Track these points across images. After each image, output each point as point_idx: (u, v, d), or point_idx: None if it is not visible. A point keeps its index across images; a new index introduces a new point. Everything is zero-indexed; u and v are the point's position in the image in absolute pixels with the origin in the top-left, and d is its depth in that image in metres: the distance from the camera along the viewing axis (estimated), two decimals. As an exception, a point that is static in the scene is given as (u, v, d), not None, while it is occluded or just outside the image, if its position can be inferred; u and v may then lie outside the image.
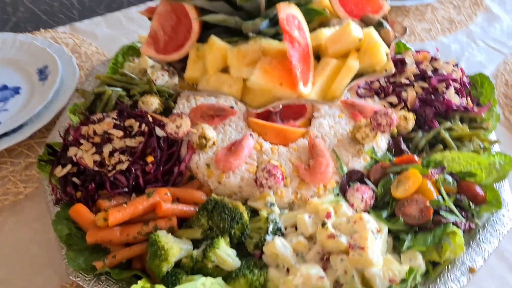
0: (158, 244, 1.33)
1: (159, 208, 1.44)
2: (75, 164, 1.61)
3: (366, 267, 1.29)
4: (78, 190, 1.58)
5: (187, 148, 1.64)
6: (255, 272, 1.32)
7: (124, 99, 1.86)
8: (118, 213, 1.39)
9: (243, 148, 1.60)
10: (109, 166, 1.57)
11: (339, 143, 1.66)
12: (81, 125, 1.67)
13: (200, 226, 1.42)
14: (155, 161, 1.59)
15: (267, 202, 1.48)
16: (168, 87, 1.94)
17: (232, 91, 1.31)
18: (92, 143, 1.61)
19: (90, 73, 2.06)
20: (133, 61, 2.03)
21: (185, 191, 1.54)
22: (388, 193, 1.51)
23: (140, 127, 1.64)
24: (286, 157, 1.62)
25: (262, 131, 1.70)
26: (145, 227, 1.42)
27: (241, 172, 1.58)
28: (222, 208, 1.40)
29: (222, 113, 1.72)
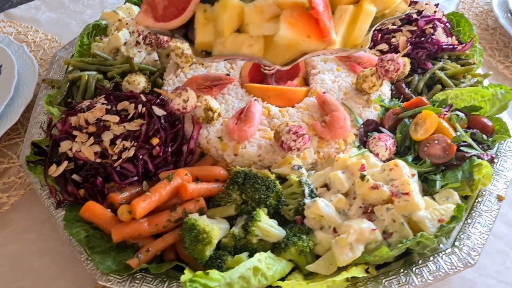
0: (198, 228, 1.22)
1: (185, 190, 1.32)
2: (71, 160, 1.43)
3: (413, 212, 1.28)
4: (80, 188, 1.41)
5: (192, 124, 1.51)
6: (303, 238, 1.26)
7: (103, 83, 1.68)
8: (144, 203, 1.26)
9: (254, 114, 1.51)
10: (113, 155, 1.41)
11: (345, 96, 1.62)
12: (67, 115, 1.48)
13: (232, 201, 1.33)
14: (161, 143, 1.46)
15: (293, 165, 1.41)
16: (148, 64, 1.78)
17: (253, 51, 1.21)
18: (87, 133, 1.43)
19: (52, 61, 1.83)
20: (101, 41, 1.83)
21: (203, 169, 1.42)
22: (407, 138, 1.50)
23: (136, 109, 1.49)
24: (298, 117, 1.55)
25: (265, 95, 1.61)
26: (173, 213, 1.30)
27: (256, 140, 1.49)
28: (254, 179, 1.31)
29: (219, 82, 1.61)
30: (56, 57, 1.83)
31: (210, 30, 1.24)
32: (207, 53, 1.29)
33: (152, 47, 1.69)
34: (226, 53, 1.23)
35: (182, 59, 1.66)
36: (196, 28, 1.25)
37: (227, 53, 1.23)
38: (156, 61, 1.79)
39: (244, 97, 1.62)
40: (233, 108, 1.58)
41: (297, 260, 1.27)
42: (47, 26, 2.25)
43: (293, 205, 1.34)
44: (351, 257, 1.22)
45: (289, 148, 1.38)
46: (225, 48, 1.23)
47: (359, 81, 1.60)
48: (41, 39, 2.14)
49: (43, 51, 2.09)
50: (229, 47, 1.22)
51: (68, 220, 1.32)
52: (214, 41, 1.24)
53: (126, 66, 1.71)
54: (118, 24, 1.85)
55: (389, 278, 1.25)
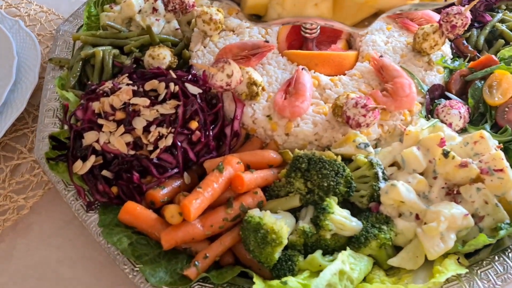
0: (265, 227, 1.03)
1: (241, 182, 1.12)
2: (98, 153, 1.22)
3: (507, 191, 1.11)
4: (113, 185, 1.21)
5: (233, 102, 1.30)
6: (384, 229, 1.09)
7: (120, 59, 1.44)
8: (197, 202, 1.06)
9: (304, 85, 1.30)
10: (148, 145, 1.20)
11: (403, 58, 1.41)
12: (88, 101, 1.26)
13: (295, 191, 1.14)
14: (200, 126, 1.25)
15: (358, 143, 1.22)
16: (168, 34, 1.54)
17: (320, 11, 0.99)
18: (114, 121, 1.22)
19: (56, 37, 1.58)
20: (111, 10, 1.58)
21: (254, 154, 1.23)
22: (480, 103, 1.32)
23: (168, 88, 1.27)
24: (353, 86, 1.34)
25: (311, 62, 1.40)
26: (230, 210, 1.11)
27: (310, 115, 1.29)
28: (320, 163, 1.12)
29: (258, 50, 1.38)
30: (60, 32, 1.58)
31: (263, -12, 1.02)
32: (257, 17, 1.07)
33: (176, 14, 1.45)
34: (286, 16, 1.01)
35: (211, 26, 1.43)
36: (246, -13, 1.02)
37: (288, 15, 1.01)
38: (177, 30, 1.55)
39: (288, 66, 1.40)
40: (276, 80, 1.37)
41: (377, 255, 1.10)
42: (40, -5, 1.97)
43: (364, 190, 1.16)
44: (443, 249, 1.06)
45: (358, 125, 1.18)
46: (284, 10, 1.01)
47: (418, 41, 1.39)
48: (36, 12, 1.87)
49: (40, 25, 1.83)
50: (289, 8, 1.00)
51: (105, 226, 1.13)
52: (269, 1, 1.02)
53: (145, 38, 1.47)
54: (130, -11, 1.59)
55: (484, 268, 1.09)
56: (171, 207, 1.07)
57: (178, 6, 1.43)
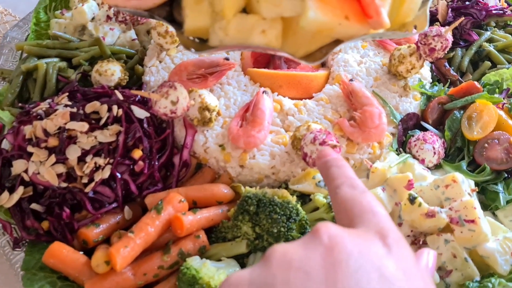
0: (200, 281, 0.91)
1: (180, 225, 1.00)
2: (28, 184, 1.09)
3: (479, 243, 0.98)
4: (43, 219, 1.09)
5: (184, 128, 1.18)
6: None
7: (66, 73, 1.31)
8: (126, 250, 0.94)
9: (263, 112, 1.17)
10: (83, 177, 1.07)
11: (376, 82, 1.28)
12: (20, 124, 1.13)
13: (242, 236, 1.02)
14: (145, 155, 1.12)
15: (318, 181, 1.09)
16: (123, 45, 1.41)
17: (268, 39, 0.86)
18: (46, 148, 1.09)
19: (2, 44, 1.45)
20: (62, 16, 1.44)
21: (202, 189, 1.10)
22: (458, 136, 1.19)
23: (111, 111, 1.14)
24: (319, 113, 1.22)
25: (275, 83, 1.27)
26: (166, 257, 0.99)
27: (268, 146, 1.16)
28: (271, 207, 1.00)
29: (216, 69, 1.25)
30: (8, 39, 1.45)
31: (205, 9, 0.88)
32: (201, 41, 0.94)
33: (126, 25, 1.31)
34: (229, 43, 0.87)
35: (167, 39, 1.30)
36: (185, 8, 0.89)
37: (231, 42, 0.87)
38: (133, 40, 1.42)
39: (249, 87, 1.27)
40: (235, 103, 1.24)
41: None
42: (-1, -6, 1.83)
43: (321, 236, 1.03)
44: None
45: (315, 164, 1.06)
46: (227, 36, 0.87)
47: (394, 63, 1.26)
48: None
49: (-7, 27, 1.69)
50: (233, 34, 0.86)
51: (29, 269, 1.01)
52: (211, 25, 0.89)
53: (96, 50, 1.34)
54: (83, -5, 1.46)
55: (449, 330, 0.97)
56: (98, 254, 0.95)
57: (129, 17, 1.29)
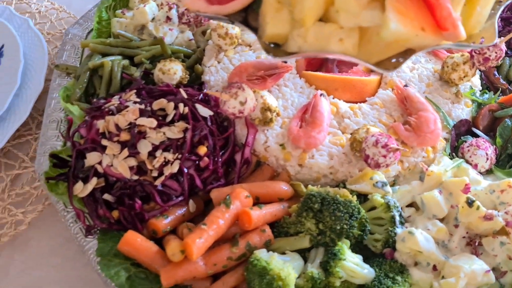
0: (271, 273, 0.97)
1: (248, 219, 1.06)
2: (100, 175, 1.16)
3: (534, 246, 1.03)
4: (113, 209, 1.15)
5: (245, 127, 1.23)
6: (398, 281, 1.02)
7: (130, 70, 1.37)
8: (200, 241, 1.00)
9: (322, 114, 1.22)
10: (153, 171, 1.13)
11: (429, 88, 1.33)
12: (93, 119, 1.19)
13: (306, 231, 1.07)
14: (209, 152, 1.18)
15: (376, 181, 1.14)
16: (181, 45, 1.46)
17: (345, 47, 0.91)
18: (119, 142, 1.15)
19: (64, 40, 1.51)
20: (123, 16, 1.50)
21: (265, 186, 1.16)
22: (510, 143, 1.23)
23: (177, 108, 1.20)
24: (374, 116, 1.27)
25: (330, 86, 1.32)
26: (235, 249, 1.04)
27: (326, 147, 1.21)
28: (334, 205, 1.05)
29: (275, 71, 1.30)
30: (69, 36, 1.51)
31: (284, 17, 0.94)
32: (276, 46, 0.99)
33: (190, 26, 1.37)
34: (308, 49, 0.93)
35: (226, 41, 1.35)
36: (266, 15, 0.94)
37: (309, 49, 0.93)
38: (190, 41, 1.48)
39: (305, 89, 1.32)
40: (292, 104, 1.29)
41: (389, 306, 1.03)
42: (52, -9, 1.90)
43: (379, 234, 1.09)
44: (461, 306, 0.98)
45: (377, 165, 1.11)
46: (305, 43, 0.92)
47: (447, 70, 1.30)
48: (47, 9, 1.80)
49: (50, 23, 1.76)
50: (311, 41, 0.92)
51: (104, 255, 1.07)
52: (290, 32, 0.94)
53: (157, 49, 1.40)
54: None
55: (503, 328, 1.01)
56: (173, 244, 1.01)
57: (193, 19, 1.35)
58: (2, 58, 1.53)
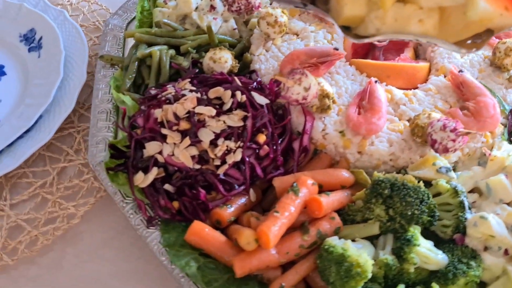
0: (349, 259, 0.95)
1: (318, 206, 1.04)
2: (159, 165, 1.13)
3: None
4: (173, 200, 1.13)
5: (302, 114, 1.21)
6: (473, 266, 1.01)
7: (177, 60, 1.35)
8: (275, 228, 0.98)
9: (380, 100, 1.21)
10: (215, 159, 1.12)
11: (481, 74, 1.32)
12: (149, 107, 1.17)
13: (375, 218, 1.06)
14: (268, 140, 1.16)
15: (439, 167, 1.13)
16: (225, 34, 1.44)
17: (425, 28, 0.90)
18: (178, 131, 1.13)
19: (105, 31, 1.49)
20: (166, 5, 1.48)
21: (327, 174, 1.14)
22: None
23: (234, 97, 1.18)
24: (429, 103, 1.26)
25: (382, 74, 1.31)
26: (306, 237, 1.03)
27: (385, 133, 1.20)
28: (404, 190, 1.04)
29: (327, 58, 1.29)
30: (110, 26, 1.49)
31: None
32: (345, 28, 0.98)
33: (240, 15, 1.35)
34: (386, 31, 0.91)
35: (275, 29, 1.34)
36: (343, -4, 0.93)
37: (387, 31, 0.91)
38: (234, 30, 1.46)
39: (357, 77, 1.31)
40: (346, 91, 1.28)
41: (462, 292, 1.02)
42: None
43: (448, 220, 1.08)
44: (537, 290, 0.98)
45: (445, 150, 1.10)
46: (384, 25, 0.91)
47: (499, 55, 1.29)
48: (79, 1, 1.77)
49: (82, 16, 1.73)
50: (390, 23, 0.91)
51: (170, 246, 1.05)
52: (367, 14, 0.93)
53: (203, 38, 1.38)
54: (186, -17, 1.49)
55: None
56: (247, 233, 0.99)
57: (244, 7, 1.33)
58: (41, 50, 1.50)
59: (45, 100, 1.35)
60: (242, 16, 1.37)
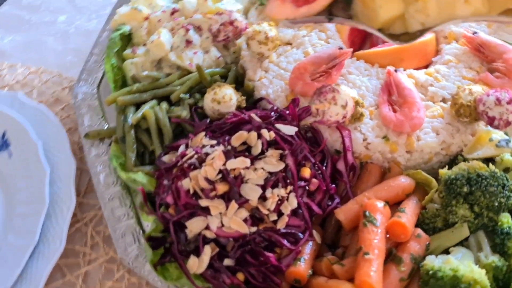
0: (464, 279, 0.85)
1: (403, 229, 0.93)
2: (207, 241, 0.98)
3: None
4: (235, 272, 0.99)
5: (334, 130, 1.09)
6: None
7: (173, 112, 1.18)
8: (375, 274, 0.86)
9: (410, 90, 1.11)
10: (270, 214, 0.98)
11: (491, 28, 1.24)
12: (174, 181, 1.01)
13: (460, 219, 0.96)
14: (314, 172, 1.04)
15: (498, 141, 1.05)
16: (210, 66, 1.28)
17: (474, 7, 0.80)
18: (217, 197, 0.98)
19: (76, 104, 1.28)
20: (135, 55, 1.30)
21: (388, 187, 1.03)
22: None
23: (261, 137, 1.04)
24: (455, 75, 1.17)
25: (396, 58, 1.21)
26: (401, 267, 0.92)
27: (427, 123, 1.10)
28: (483, 181, 0.95)
29: (336, 61, 1.17)
30: (80, 96, 1.29)
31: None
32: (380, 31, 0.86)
33: (229, 42, 1.20)
34: (432, 23, 0.81)
35: (269, 46, 1.20)
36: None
37: (434, 22, 0.81)
38: (218, 58, 1.30)
39: (370, 70, 1.20)
40: (368, 90, 1.16)
41: None
42: (18, 53, 1.64)
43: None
44: None
45: (508, 124, 1.01)
46: (428, 17, 0.81)
47: (503, 4, 1.22)
48: (25, 75, 1.55)
49: (36, 91, 1.51)
50: (434, 13, 0.80)
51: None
52: (405, 11, 0.81)
53: (192, 79, 1.22)
54: (148, 25, 1.32)
55: None
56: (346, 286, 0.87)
57: (232, 33, 1.18)
58: (10, 147, 1.28)
59: (40, 206, 1.15)
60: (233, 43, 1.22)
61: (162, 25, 1.31)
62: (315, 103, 1.01)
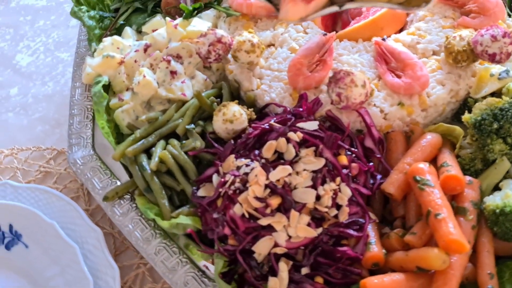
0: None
1: (457, 181, 0.97)
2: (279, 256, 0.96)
3: None
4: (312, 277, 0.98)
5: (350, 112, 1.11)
6: None
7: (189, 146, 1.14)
8: (454, 229, 0.88)
9: (405, 52, 1.16)
10: (329, 210, 0.97)
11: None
12: (225, 212, 0.98)
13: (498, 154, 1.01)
14: (350, 157, 1.05)
15: (498, 74, 1.11)
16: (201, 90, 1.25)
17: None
18: (274, 211, 0.96)
19: (78, 171, 1.20)
20: (122, 102, 1.24)
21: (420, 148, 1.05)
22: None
23: (290, 141, 1.03)
24: (435, 27, 1.22)
25: (375, 29, 1.25)
26: (468, 216, 0.94)
27: (431, 78, 1.14)
28: (507, 112, 1.00)
29: (325, 47, 1.18)
30: (79, 164, 1.21)
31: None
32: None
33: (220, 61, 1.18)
34: None
35: (257, 52, 1.19)
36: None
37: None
38: (206, 80, 1.28)
39: (358, 46, 1.23)
40: (363, 65, 1.19)
41: None
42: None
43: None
44: None
45: (508, 55, 1.07)
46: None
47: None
48: (4, 155, 1.43)
49: (21, 172, 1.40)
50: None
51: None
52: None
53: (191, 109, 1.18)
54: (125, 69, 1.26)
55: None
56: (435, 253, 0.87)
57: (222, 50, 1.16)
58: (22, 238, 1.18)
59: (84, 284, 1.08)
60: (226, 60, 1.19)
61: (140, 64, 1.26)
62: (335, 91, 1.02)
